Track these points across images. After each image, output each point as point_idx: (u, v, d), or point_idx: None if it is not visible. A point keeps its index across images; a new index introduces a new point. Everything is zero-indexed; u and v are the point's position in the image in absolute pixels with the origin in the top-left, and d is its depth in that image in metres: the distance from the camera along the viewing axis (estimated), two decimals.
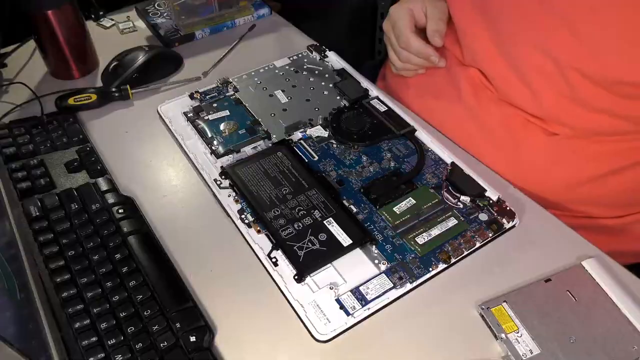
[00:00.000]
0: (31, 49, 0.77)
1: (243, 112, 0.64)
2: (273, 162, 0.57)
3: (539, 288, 0.47)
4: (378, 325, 0.46)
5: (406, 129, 0.61)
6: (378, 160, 0.58)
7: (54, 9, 0.66)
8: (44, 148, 0.60)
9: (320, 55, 0.73)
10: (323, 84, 0.69)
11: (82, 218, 0.52)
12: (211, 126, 0.62)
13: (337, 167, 0.58)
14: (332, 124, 0.61)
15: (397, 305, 0.47)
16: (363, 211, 0.53)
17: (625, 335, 0.44)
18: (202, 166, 0.58)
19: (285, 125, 0.63)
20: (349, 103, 0.65)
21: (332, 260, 0.49)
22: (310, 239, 0.50)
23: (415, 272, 0.48)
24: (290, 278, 0.48)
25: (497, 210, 0.53)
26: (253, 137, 0.61)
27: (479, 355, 0.44)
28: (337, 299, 0.46)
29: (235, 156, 0.59)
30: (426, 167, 0.57)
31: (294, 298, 0.47)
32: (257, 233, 0.51)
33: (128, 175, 0.59)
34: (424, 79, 0.68)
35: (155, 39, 0.80)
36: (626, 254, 0.62)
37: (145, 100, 0.69)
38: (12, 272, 0.45)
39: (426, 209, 0.53)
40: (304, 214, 0.52)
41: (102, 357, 0.43)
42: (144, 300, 0.46)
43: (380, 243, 0.50)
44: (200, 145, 0.61)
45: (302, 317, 0.45)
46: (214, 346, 0.45)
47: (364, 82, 0.68)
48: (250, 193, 0.54)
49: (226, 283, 0.49)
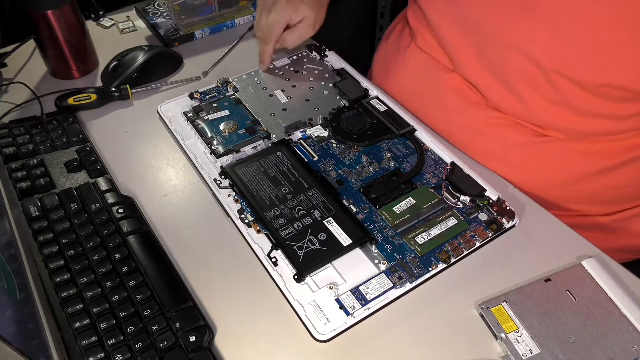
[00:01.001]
0: (31, 49, 0.77)
1: (243, 112, 0.64)
2: (273, 162, 0.57)
3: (539, 288, 0.47)
4: (378, 325, 0.46)
5: (406, 129, 0.61)
6: (378, 160, 0.58)
7: (54, 9, 0.66)
8: (44, 148, 0.60)
9: (320, 55, 0.73)
10: (323, 84, 0.69)
11: (82, 218, 0.52)
12: (211, 126, 0.62)
13: (337, 167, 0.58)
14: (332, 124, 0.61)
15: (397, 305, 0.47)
16: (363, 211, 0.53)
17: (625, 335, 0.44)
18: (202, 166, 0.58)
19: (285, 125, 0.63)
20: (349, 103, 0.65)
21: (332, 260, 0.49)
22: (310, 239, 0.50)
23: (415, 272, 0.48)
24: (290, 278, 0.48)
25: (497, 210, 0.53)
26: (253, 137, 0.61)
27: (479, 355, 0.44)
28: (337, 299, 0.46)
29: (235, 156, 0.59)
30: (426, 167, 0.57)
31: (294, 298, 0.47)
32: (257, 233, 0.51)
33: (128, 175, 0.59)
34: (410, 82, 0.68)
35: (155, 39, 0.80)
36: (623, 250, 0.63)
37: (145, 100, 0.69)
38: (12, 272, 0.45)
39: (426, 209, 0.53)
40: (304, 214, 0.52)
41: (102, 357, 0.43)
42: (144, 300, 0.46)
43: (380, 243, 0.50)
44: (200, 145, 0.61)
45: (302, 317, 0.45)
46: (214, 346, 0.45)
47: (364, 82, 0.67)
48: (250, 193, 0.54)
49: (226, 283, 0.49)
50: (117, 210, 0.53)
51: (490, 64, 0.57)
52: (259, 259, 0.50)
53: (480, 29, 0.57)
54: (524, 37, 0.53)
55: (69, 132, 0.62)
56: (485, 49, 0.57)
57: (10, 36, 0.77)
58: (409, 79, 0.68)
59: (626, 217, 0.62)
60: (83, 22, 0.71)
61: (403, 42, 0.71)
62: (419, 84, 0.67)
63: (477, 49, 0.58)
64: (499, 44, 0.56)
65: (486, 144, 0.60)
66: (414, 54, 0.68)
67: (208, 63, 0.74)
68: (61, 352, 0.43)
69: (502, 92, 0.58)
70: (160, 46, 0.76)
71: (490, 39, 0.56)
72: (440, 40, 0.63)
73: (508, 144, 0.59)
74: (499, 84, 0.58)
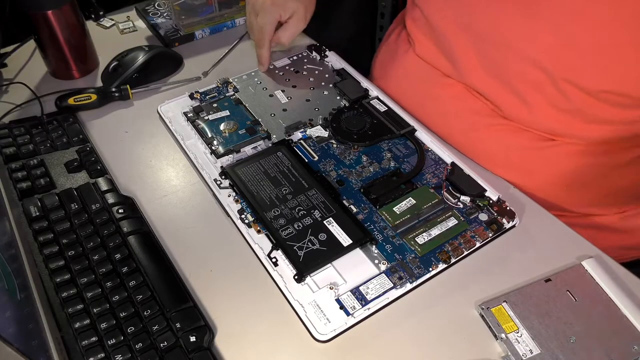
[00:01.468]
0: (31, 49, 0.77)
1: (243, 112, 0.64)
2: (273, 162, 0.57)
3: (539, 288, 0.47)
4: (378, 325, 0.46)
5: (406, 129, 0.61)
6: (378, 160, 0.58)
7: (54, 9, 0.66)
8: (44, 148, 0.60)
9: (320, 55, 0.73)
10: (323, 84, 0.68)
11: (82, 218, 0.52)
12: (211, 126, 0.62)
13: (337, 167, 0.58)
14: (332, 124, 0.61)
15: (397, 305, 0.47)
16: (363, 211, 0.53)
17: (625, 335, 0.44)
18: (202, 166, 0.58)
19: (285, 125, 0.62)
20: (349, 103, 0.65)
21: (332, 260, 0.49)
22: (310, 239, 0.50)
23: (415, 272, 0.48)
24: (290, 278, 0.48)
25: (497, 210, 0.53)
26: (253, 137, 0.61)
27: (479, 355, 0.44)
28: (337, 298, 0.46)
29: (235, 156, 0.59)
30: (426, 167, 0.57)
31: (294, 298, 0.47)
32: (257, 233, 0.51)
33: (128, 175, 0.59)
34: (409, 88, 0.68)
35: (155, 39, 0.80)
36: (630, 247, 0.62)
37: (145, 100, 0.69)
38: (12, 272, 0.45)
39: (426, 209, 0.53)
40: (304, 214, 0.52)
41: (102, 357, 0.43)
42: (144, 300, 0.46)
43: (380, 243, 0.50)
44: (200, 145, 0.61)
45: (302, 317, 0.45)
46: (214, 346, 0.45)
47: (364, 82, 0.67)
48: (250, 193, 0.54)
49: (226, 283, 0.49)
50: (117, 210, 0.53)
51: (493, 67, 0.57)
52: (259, 259, 0.50)
53: (482, 31, 0.57)
54: (525, 39, 0.53)
55: (69, 132, 0.62)
56: (488, 52, 0.57)
57: (10, 36, 0.77)
58: (408, 85, 0.68)
59: (633, 214, 0.62)
60: (83, 22, 0.71)
61: (401, 47, 0.71)
62: (418, 91, 0.66)
63: (480, 52, 0.58)
64: (501, 45, 0.55)
65: (488, 149, 0.60)
66: (413, 61, 0.67)
67: (208, 63, 0.74)
68: (61, 352, 0.43)
69: (507, 95, 0.57)
70: (160, 46, 0.76)
71: (492, 41, 0.56)
72: (441, 45, 0.62)
73: (511, 148, 0.59)
74: (502, 88, 0.57)
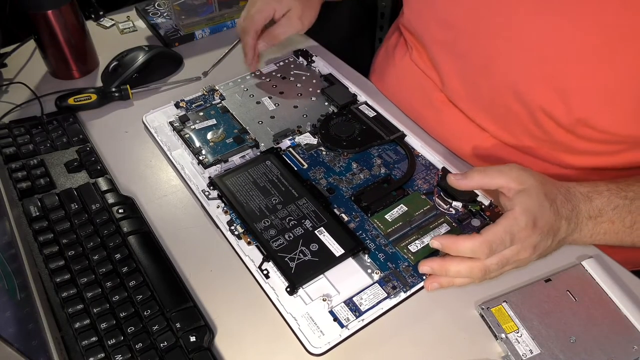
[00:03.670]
0: (31, 49, 0.77)
1: (230, 120, 0.63)
2: (262, 171, 0.56)
3: (539, 288, 0.47)
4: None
5: (396, 134, 0.60)
6: (368, 167, 0.57)
7: (54, 9, 0.66)
8: (44, 148, 0.60)
9: (307, 60, 0.72)
10: (310, 90, 0.67)
11: (82, 218, 0.52)
12: (198, 135, 0.61)
13: (327, 174, 0.57)
14: (321, 131, 0.60)
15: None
16: (354, 219, 0.52)
17: (625, 335, 0.44)
18: (189, 177, 0.57)
19: (273, 133, 0.61)
20: (338, 109, 0.64)
21: (325, 270, 0.48)
22: (301, 249, 0.49)
23: (409, 280, 0.47)
24: (282, 290, 0.47)
25: (489, 215, 0.52)
26: (241, 146, 0.59)
27: (479, 355, 0.44)
28: (330, 310, 0.45)
29: (223, 166, 0.58)
30: (417, 172, 0.57)
31: (286, 311, 0.46)
32: (247, 245, 0.50)
33: (128, 175, 0.59)
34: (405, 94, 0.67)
35: (155, 39, 0.80)
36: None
37: (145, 100, 0.69)
38: (12, 272, 0.45)
39: (418, 215, 0.52)
40: (294, 224, 0.51)
41: (102, 357, 0.43)
42: (144, 300, 0.46)
43: (372, 252, 0.49)
44: (187, 155, 0.60)
45: (296, 331, 0.45)
46: (214, 346, 0.45)
47: (352, 87, 0.67)
48: (239, 203, 0.53)
49: (226, 283, 0.49)
50: (117, 210, 0.53)
51: (479, 97, 0.57)
52: (249, 271, 0.49)
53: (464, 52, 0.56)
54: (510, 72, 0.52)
55: (69, 132, 0.62)
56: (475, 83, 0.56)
57: (10, 36, 0.77)
58: (405, 90, 0.67)
59: None
60: (83, 22, 0.71)
61: (398, 51, 0.70)
62: (414, 97, 0.66)
63: (460, 72, 0.57)
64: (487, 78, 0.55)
65: (485, 157, 0.60)
66: (410, 67, 0.67)
67: (208, 63, 0.74)
68: (61, 352, 0.43)
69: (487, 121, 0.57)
70: (160, 46, 0.76)
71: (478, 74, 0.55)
72: (431, 58, 0.62)
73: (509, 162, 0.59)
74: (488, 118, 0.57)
